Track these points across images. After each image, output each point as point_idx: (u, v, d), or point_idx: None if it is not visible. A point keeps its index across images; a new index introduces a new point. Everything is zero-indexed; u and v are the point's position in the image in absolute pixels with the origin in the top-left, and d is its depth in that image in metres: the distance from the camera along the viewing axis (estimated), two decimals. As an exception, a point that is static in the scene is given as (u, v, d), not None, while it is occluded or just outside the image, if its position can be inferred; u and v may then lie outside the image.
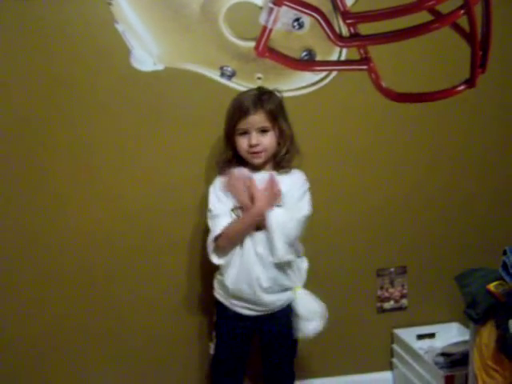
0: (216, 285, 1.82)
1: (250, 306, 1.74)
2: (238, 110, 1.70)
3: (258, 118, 1.69)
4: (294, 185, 1.75)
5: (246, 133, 1.70)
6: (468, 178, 2.24)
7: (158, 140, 1.96)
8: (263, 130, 1.70)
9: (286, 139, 1.75)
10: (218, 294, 1.81)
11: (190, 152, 1.99)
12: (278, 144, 1.75)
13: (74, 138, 1.92)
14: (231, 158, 1.78)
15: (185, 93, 1.96)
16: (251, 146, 1.70)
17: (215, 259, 1.73)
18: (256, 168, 1.75)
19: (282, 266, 1.71)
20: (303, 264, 1.82)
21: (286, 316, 1.76)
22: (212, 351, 1.83)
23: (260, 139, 1.69)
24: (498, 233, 2.24)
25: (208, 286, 1.90)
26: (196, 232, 2.02)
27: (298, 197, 1.73)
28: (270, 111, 1.70)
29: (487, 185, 2.26)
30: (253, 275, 1.69)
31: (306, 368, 2.16)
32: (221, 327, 1.82)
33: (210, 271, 1.88)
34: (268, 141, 1.71)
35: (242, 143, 1.71)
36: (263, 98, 1.72)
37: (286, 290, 1.75)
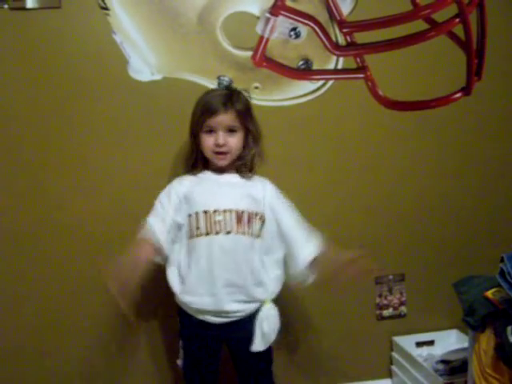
0: None
1: (212, 316, 1.64)
2: (208, 108, 1.65)
3: (227, 117, 1.64)
4: (273, 195, 1.71)
5: (212, 131, 1.66)
6: (466, 187, 2.25)
7: (156, 149, 1.97)
8: (231, 130, 1.66)
9: (253, 141, 1.71)
10: (179, 300, 1.67)
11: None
12: (244, 146, 1.71)
13: (70, 146, 1.92)
14: (197, 158, 1.72)
15: (182, 102, 1.94)
16: (217, 146, 1.65)
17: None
18: (219, 170, 1.71)
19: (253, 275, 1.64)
20: (276, 272, 1.71)
21: (253, 322, 1.65)
22: (180, 363, 1.72)
23: (227, 139, 1.65)
24: (496, 240, 2.23)
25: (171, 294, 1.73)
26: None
27: (285, 207, 1.72)
28: (240, 111, 1.66)
29: (486, 193, 2.27)
30: (217, 282, 1.60)
31: (305, 376, 2.16)
32: (186, 337, 1.71)
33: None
34: (235, 142, 1.66)
35: (208, 141, 1.66)
36: (233, 97, 1.67)
37: (252, 301, 1.66)
